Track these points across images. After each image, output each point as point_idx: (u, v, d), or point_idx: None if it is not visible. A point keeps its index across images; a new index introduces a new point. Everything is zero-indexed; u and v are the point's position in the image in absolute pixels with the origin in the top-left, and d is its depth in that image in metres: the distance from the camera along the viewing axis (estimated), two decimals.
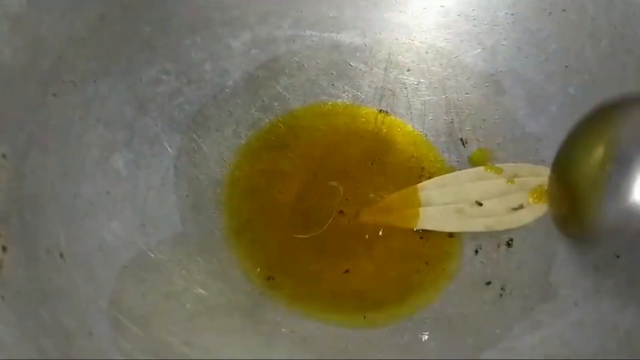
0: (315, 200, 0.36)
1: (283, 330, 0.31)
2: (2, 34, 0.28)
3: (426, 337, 0.31)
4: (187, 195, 0.34)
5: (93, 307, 0.27)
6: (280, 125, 0.37)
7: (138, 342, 0.27)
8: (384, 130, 0.38)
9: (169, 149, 0.34)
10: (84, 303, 0.26)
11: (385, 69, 0.39)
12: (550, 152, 0.35)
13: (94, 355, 0.25)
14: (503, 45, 0.37)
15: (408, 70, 0.39)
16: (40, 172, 0.28)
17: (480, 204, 0.35)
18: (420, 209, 0.35)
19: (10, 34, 0.28)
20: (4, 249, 0.24)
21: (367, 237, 0.35)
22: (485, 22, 0.37)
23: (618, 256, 0.31)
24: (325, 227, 0.35)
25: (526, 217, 0.34)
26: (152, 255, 0.31)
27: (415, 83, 0.38)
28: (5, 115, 0.27)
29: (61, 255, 0.27)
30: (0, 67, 0.27)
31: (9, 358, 0.21)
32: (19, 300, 0.23)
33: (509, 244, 0.34)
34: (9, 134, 0.27)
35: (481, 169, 0.36)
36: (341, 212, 0.35)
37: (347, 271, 0.34)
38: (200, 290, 0.31)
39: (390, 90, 0.39)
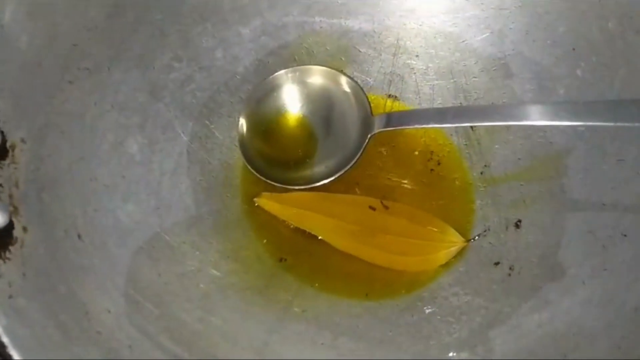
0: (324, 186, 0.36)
1: (295, 309, 0.32)
2: (19, 21, 0.28)
3: (429, 310, 0.32)
4: (200, 179, 0.35)
5: (110, 285, 0.27)
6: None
7: (153, 318, 0.28)
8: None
9: (181, 134, 0.35)
10: (101, 281, 0.27)
11: (394, 54, 0.39)
12: (557, 136, 0.35)
13: (111, 330, 0.25)
14: (511, 29, 0.37)
15: (416, 56, 0.39)
16: (58, 156, 0.29)
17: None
18: None
19: (27, 22, 0.29)
20: (25, 229, 0.25)
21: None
22: (492, 6, 0.38)
23: (625, 235, 0.31)
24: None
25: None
26: (167, 237, 0.32)
27: (424, 68, 0.39)
28: (23, 100, 0.28)
29: (79, 236, 0.28)
30: (18, 54, 0.28)
31: (31, 330, 0.22)
32: (40, 278, 0.24)
33: (517, 225, 0.34)
34: (27, 119, 0.28)
35: None
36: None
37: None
38: (214, 271, 0.32)
39: (399, 75, 0.39)
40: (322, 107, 0.37)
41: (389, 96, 0.39)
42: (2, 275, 0.22)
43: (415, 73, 0.39)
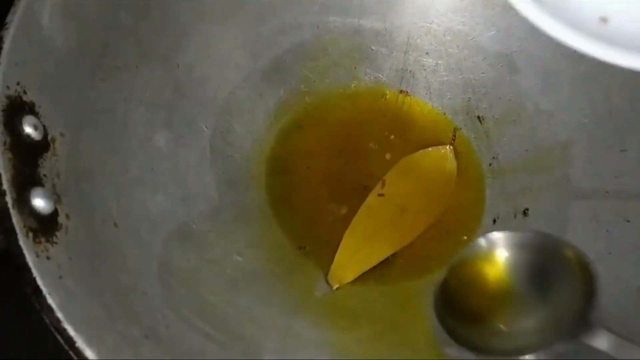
0: (341, 175, 0.38)
1: (316, 294, 0.34)
2: (56, 22, 0.30)
3: None
4: (223, 172, 0.36)
5: (145, 269, 0.29)
6: (307, 106, 0.40)
7: (185, 301, 0.29)
8: (405, 109, 0.40)
9: (205, 129, 0.37)
10: (137, 266, 0.29)
11: (405, 52, 0.41)
12: (562, 128, 0.37)
13: (148, 311, 0.27)
14: (517, 26, 0.39)
15: (427, 53, 0.41)
16: (93, 149, 0.30)
17: None
18: None
19: (62, 22, 0.30)
20: (67, 216, 0.26)
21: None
22: (499, 5, 0.39)
23: (628, 220, 0.33)
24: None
25: None
26: (194, 225, 0.33)
27: (434, 64, 0.41)
28: (60, 97, 0.29)
29: (115, 224, 0.29)
30: (55, 53, 0.30)
31: (80, 308, 0.23)
32: (83, 261, 0.26)
33: (525, 213, 0.36)
34: (64, 114, 0.29)
35: None
36: (365, 187, 0.38)
37: None
38: (238, 258, 0.34)
39: (410, 71, 0.41)
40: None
41: (401, 92, 0.41)
42: (51, 258, 0.24)
43: (425, 69, 0.41)
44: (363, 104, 0.40)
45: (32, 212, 0.24)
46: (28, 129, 0.26)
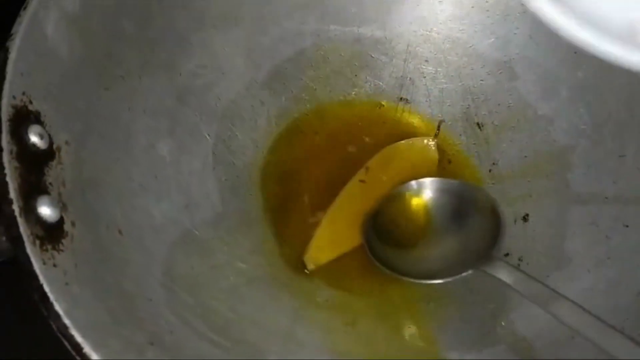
0: (342, 183, 0.39)
1: (318, 299, 0.34)
2: (60, 32, 0.30)
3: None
4: (225, 179, 0.37)
5: (149, 276, 0.29)
6: (308, 113, 0.40)
7: (189, 307, 0.30)
8: (405, 116, 0.41)
9: (207, 136, 0.37)
10: (141, 272, 0.29)
11: (405, 60, 0.41)
12: (562, 132, 0.38)
13: (153, 317, 0.27)
14: (515, 34, 0.40)
15: (426, 61, 0.41)
16: (97, 157, 0.31)
17: None
18: None
19: (67, 32, 0.31)
20: (73, 224, 0.27)
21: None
22: (497, 13, 0.40)
23: (627, 225, 0.33)
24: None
25: None
26: (197, 232, 0.34)
27: (433, 72, 0.41)
28: (65, 106, 0.30)
29: (120, 232, 0.30)
30: (60, 62, 0.30)
31: (86, 314, 0.24)
32: (89, 268, 0.26)
33: (525, 219, 0.37)
34: (69, 123, 0.30)
35: None
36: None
37: None
38: (241, 264, 0.34)
39: (410, 79, 0.41)
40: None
41: (401, 99, 0.41)
42: (58, 265, 0.24)
43: (425, 77, 0.41)
44: (364, 112, 0.41)
45: (39, 220, 0.25)
46: (34, 138, 0.26)
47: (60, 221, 0.26)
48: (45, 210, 0.25)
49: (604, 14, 0.19)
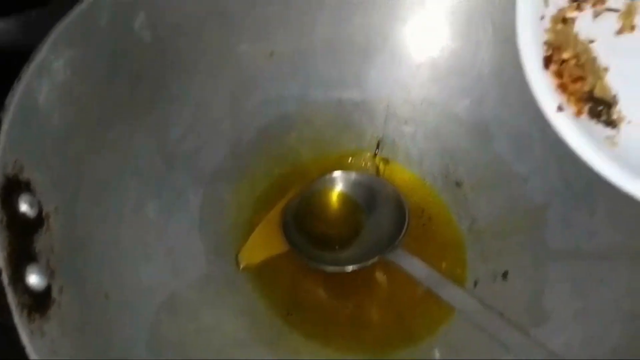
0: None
1: (304, 357, 0.34)
2: (52, 102, 0.31)
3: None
4: (211, 240, 0.37)
5: (136, 340, 0.30)
6: (293, 173, 0.41)
7: None
8: (386, 175, 0.42)
9: (194, 198, 0.38)
10: (128, 336, 0.29)
11: (385, 121, 0.43)
12: (537, 190, 0.39)
13: None
14: (489, 95, 0.41)
15: (405, 122, 0.43)
16: (86, 222, 0.31)
17: None
18: None
19: (58, 101, 0.31)
20: (61, 290, 0.27)
21: (374, 281, 0.38)
22: (472, 76, 0.42)
23: (601, 280, 0.34)
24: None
25: None
26: (183, 295, 0.34)
27: (412, 132, 0.43)
28: (56, 172, 0.30)
29: (106, 296, 0.30)
30: (51, 130, 0.31)
31: None
32: (77, 334, 0.26)
33: (504, 276, 0.37)
34: (59, 189, 0.30)
35: None
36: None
37: (357, 306, 0.37)
38: (227, 326, 0.34)
39: (390, 138, 0.43)
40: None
41: (382, 159, 0.42)
42: (46, 334, 0.24)
43: (404, 137, 0.43)
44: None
45: (27, 290, 0.25)
46: (24, 207, 0.27)
47: (48, 289, 0.26)
48: (34, 279, 0.25)
49: None
